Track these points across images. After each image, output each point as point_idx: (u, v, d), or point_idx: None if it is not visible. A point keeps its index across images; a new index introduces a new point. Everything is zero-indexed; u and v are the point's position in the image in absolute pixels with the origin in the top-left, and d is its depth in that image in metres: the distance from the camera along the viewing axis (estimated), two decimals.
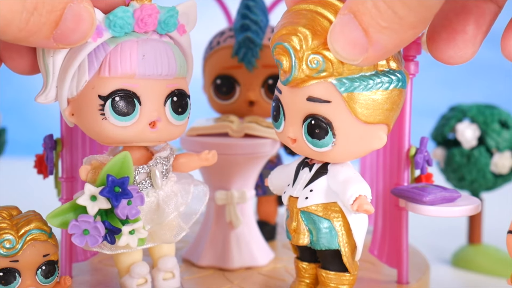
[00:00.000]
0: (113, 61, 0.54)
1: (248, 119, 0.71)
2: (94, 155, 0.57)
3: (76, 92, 0.55)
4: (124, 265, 0.59)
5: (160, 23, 0.55)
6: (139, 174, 0.56)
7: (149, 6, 0.54)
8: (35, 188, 0.84)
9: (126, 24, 0.54)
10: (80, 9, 0.49)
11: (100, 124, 0.54)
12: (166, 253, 0.60)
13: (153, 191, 0.57)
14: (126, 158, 0.53)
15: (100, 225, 0.52)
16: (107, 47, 0.54)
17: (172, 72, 0.56)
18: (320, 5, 0.51)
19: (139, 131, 0.55)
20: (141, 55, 0.54)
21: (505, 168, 0.78)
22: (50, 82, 0.55)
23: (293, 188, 0.57)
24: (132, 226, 0.53)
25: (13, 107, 1.41)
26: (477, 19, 0.51)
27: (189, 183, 0.59)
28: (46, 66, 0.54)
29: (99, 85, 0.54)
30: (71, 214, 0.53)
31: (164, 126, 0.56)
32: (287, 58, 0.51)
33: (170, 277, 0.60)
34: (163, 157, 0.57)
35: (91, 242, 0.52)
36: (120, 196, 0.52)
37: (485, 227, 0.83)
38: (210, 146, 0.68)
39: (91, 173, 0.55)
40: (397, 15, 0.44)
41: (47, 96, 0.55)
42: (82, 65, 0.54)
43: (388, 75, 0.52)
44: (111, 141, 0.56)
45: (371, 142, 0.54)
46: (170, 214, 0.57)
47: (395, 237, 0.65)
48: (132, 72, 0.54)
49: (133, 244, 0.54)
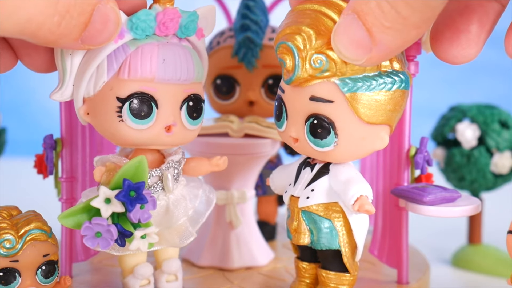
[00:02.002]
0: (133, 64, 0.53)
1: (248, 119, 0.71)
2: (106, 155, 0.56)
3: (93, 92, 0.54)
4: (128, 266, 0.59)
5: (180, 27, 0.55)
6: (151, 177, 0.56)
7: (171, 10, 0.54)
8: (35, 188, 0.84)
9: (148, 27, 0.53)
10: (107, 10, 0.49)
11: (116, 125, 0.54)
12: (171, 255, 0.60)
13: (163, 194, 0.57)
14: (141, 163, 0.53)
15: (113, 229, 0.52)
16: (127, 49, 0.54)
17: (190, 77, 0.55)
18: (324, 5, 0.51)
19: (154, 135, 0.55)
20: (161, 59, 0.54)
21: (505, 168, 0.78)
22: (66, 81, 0.54)
23: (295, 188, 0.57)
24: (145, 230, 0.53)
25: (13, 107, 1.41)
26: (480, 18, 0.51)
27: (198, 187, 0.59)
28: (64, 65, 0.54)
29: (118, 87, 0.54)
30: (84, 216, 0.53)
31: (179, 131, 0.56)
32: (291, 57, 0.51)
33: (173, 280, 0.60)
34: (175, 161, 0.57)
35: (103, 244, 0.52)
36: (135, 201, 0.52)
37: (485, 227, 0.83)
38: (210, 146, 0.68)
39: (105, 175, 0.54)
40: (400, 15, 0.44)
41: (63, 94, 0.55)
42: (101, 65, 0.54)
43: (391, 76, 0.52)
44: (125, 143, 0.55)
45: (373, 143, 0.54)
46: (180, 219, 0.57)
47: (395, 237, 0.65)
48: (152, 76, 0.54)
49: (144, 248, 0.54)
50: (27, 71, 0.57)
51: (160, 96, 0.54)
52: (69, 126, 0.63)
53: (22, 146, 1.12)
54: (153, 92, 0.54)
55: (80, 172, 0.64)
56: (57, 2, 0.46)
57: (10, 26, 0.45)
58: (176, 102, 0.55)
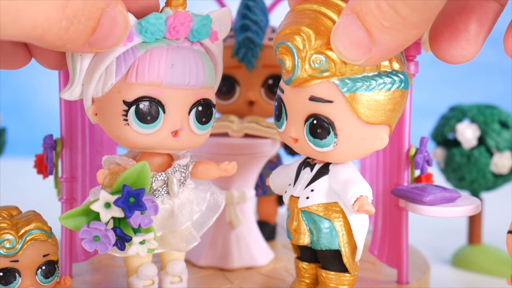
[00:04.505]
0: (141, 68, 0.53)
1: (248, 119, 0.71)
2: (114, 156, 0.56)
3: (101, 93, 0.54)
4: (133, 265, 0.59)
5: (192, 31, 0.54)
6: (156, 181, 0.56)
7: (182, 14, 0.53)
8: (35, 188, 0.84)
9: (158, 31, 0.53)
10: (115, 13, 0.49)
11: (122, 129, 0.54)
12: (176, 257, 0.60)
13: (168, 198, 0.57)
14: (143, 169, 0.52)
15: (111, 234, 0.51)
16: (136, 52, 0.53)
17: (200, 82, 0.55)
18: (324, 5, 0.51)
19: (160, 140, 0.54)
20: (169, 64, 0.53)
21: (505, 168, 0.78)
22: (76, 80, 0.54)
23: (294, 188, 0.57)
24: (144, 236, 0.53)
25: (13, 107, 1.41)
26: (479, 18, 0.51)
27: (206, 190, 0.59)
28: (74, 64, 0.54)
29: (125, 90, 0.53)
30: (83, 218, 0.52)
31: (186, 135, 0.55)
32: (290, 58, 0.51)
33: (178, 281, 0.60)
34: (182, 165, 0.57)
35: (101, 248, 0.52)
36: (133, 208, 0.51)
37: (485, 227, 0.83)
38: (210, 146, 0.68)
39: (108, 178, 0.54)
40: (400, 15, 0.44)
41: (72, 93, 0.55)
42: (110, 67, 0.53)
43: (391, 76, 0.52)
44: (131, 146, 0.55)
45: (373, 143, 0.54)
46: (184, 224, 0.57)
47: (395, 237, 0.65)
48: (159, 80, 0.53)
49: (143, 253, 0.53)
50: (27, 70, 0.57)
51: (168, 100, 0.54)
52: (69, 126, 0.63)
53: (22, 146, 1.12)
54: (160, 96, 0.53)
55: (80, 172, 0.64)
56: (64, 7, 0.46)
57: (14, 31, 0.45)
58: (184, 107, 0.55)
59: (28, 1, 0.44)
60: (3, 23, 0.44)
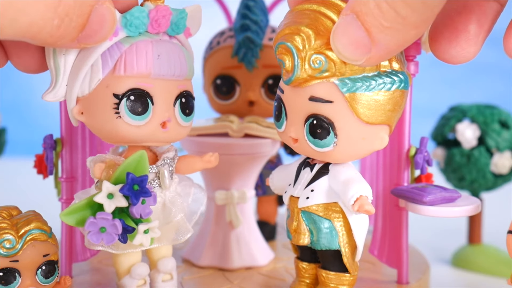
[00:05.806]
0: (129, 60, 0.54)
1: (248, 119, 0.71)
2: (100, 155, 0.56)
3: (88, 91, 0.54)
4: (123, 267, 0.58)
5: (171, 24, 0.56)
6: (149, 174, 0.56)
7: (163, 7, 0.55)
8: (35, 188, 0.84)
9: (141, 24, 0.54)
10: (103, 10, 0.50)
11: (114, 123, 0.54)
12: (165, 254, 0.60)
13: (160, 191, 0.57)
14: (142, 157, 0.53)
15: (118, 223, 0.52)
16: (121, 46, 0.54)
17: (183, 72, 0.56)
18: (323, 5, 0.51)
19: (151, 131, 0.55)
20: (156, 55, 0.54)
21: (505, 168, 0.78)
22: (60, 81, 0.54)
23: (294, 188, 0.57)
24: (148, 225, 0.54)
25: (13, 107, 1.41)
26: (479, 17, 0.51)
27: (190, 185, 0.60)
28: (57, 65, 0.54)
29: (114, 83, 0.54)
30: (87, 211, 0.53)
31: (173, 127, 0.56)
32: (290, 58, 0.51)
33: (169, 279, 0.60)
34: (169, 158, 0.58)
35: (107, 240, 0.52)
36: (139, 194, 0.52)
37: (485, 227, 0.83)
38: (210, 146, 0.68)
39: (105, 171, 0.55)
40: (399, 15, 0.44)
41: (56, 94, 0.55)
42: (95, 64, 0.54)
43: (391, 76, 0.52)
44: (122, 140, 0.56)
45: (373, 143, 0.54)
46: (177, 215, 0.57)
47: (395, 237, 0.65)
48: (148, 71, 0.54)
49: (146, 243, 0.54)
50: None
51: (156, 92, 0.55)
52: (69, 126, 0.63)
53: (22, 146, 1.12)
54: (149, 88, 0.54)
55: (80, 172, 0.64)
56: (57, 5, 0.46)
57: (13, 31, 0.46)
58: (170, 98, 0.56)
59: (26, 1, 0.45)
60: (2, 24, 0.45)
